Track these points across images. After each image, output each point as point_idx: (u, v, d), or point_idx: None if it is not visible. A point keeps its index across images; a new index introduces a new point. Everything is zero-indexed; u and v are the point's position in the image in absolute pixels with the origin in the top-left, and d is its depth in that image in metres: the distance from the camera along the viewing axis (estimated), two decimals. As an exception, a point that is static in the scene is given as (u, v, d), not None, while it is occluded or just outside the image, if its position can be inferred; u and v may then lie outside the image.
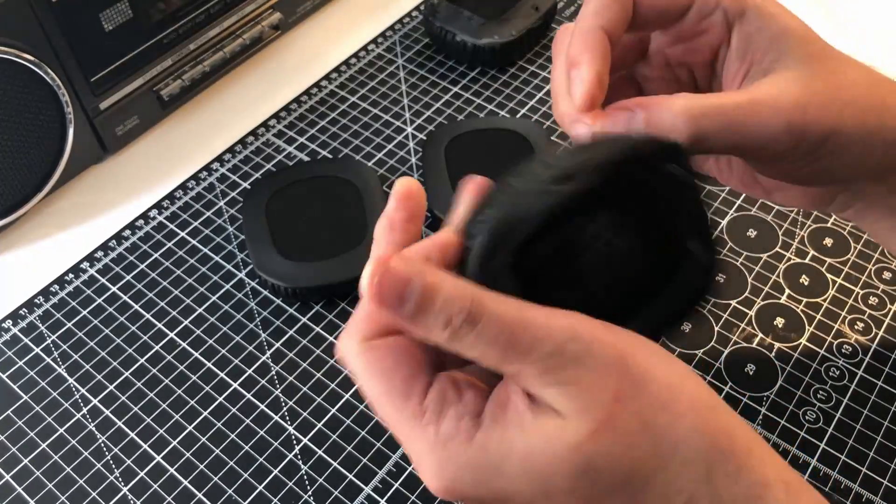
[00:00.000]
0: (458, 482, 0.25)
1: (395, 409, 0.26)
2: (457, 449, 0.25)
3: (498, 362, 0.25)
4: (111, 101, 0.53)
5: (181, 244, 0.50)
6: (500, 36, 0.59)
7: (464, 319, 0.24)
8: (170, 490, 0.40)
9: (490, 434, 0.25)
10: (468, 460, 0.25)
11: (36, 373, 0.44)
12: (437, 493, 0.26)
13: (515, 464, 0.25)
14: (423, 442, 0.25)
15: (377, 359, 0.26)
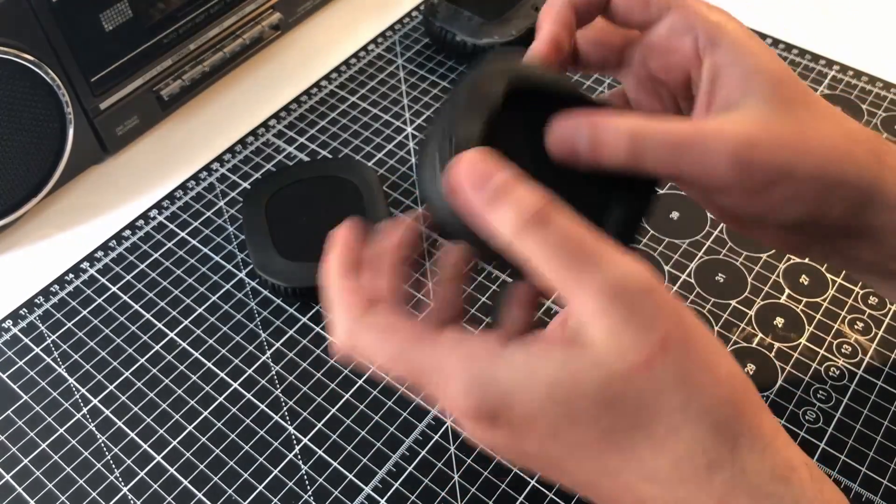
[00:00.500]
0: (482, 405, 0.25)
1: (421, 344, 0.27)
2: (487, 362, 0.26)
3: (557, 271, 0.25)
4: (111, 102, 0.53)
5: (181, 244, 0.50)
6: (500, 36, 0.59)
7: (534, 216, 0.25)
8: (170, 490, 0.40)
9: (517, 352, 0.26)
10: (497, 372, 0.25)
11: (36, 373, 0.44)
12: (465, 414, 0.26)
13: (544, 387, 0.25)
14: (453, 360, 0.26)
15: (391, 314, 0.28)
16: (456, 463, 0.40)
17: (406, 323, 0.28)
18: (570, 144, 0.29)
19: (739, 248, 0.49)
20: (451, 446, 0.41)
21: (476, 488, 0.40)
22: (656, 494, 0.26)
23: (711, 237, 0.50)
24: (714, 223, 0.51)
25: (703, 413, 0.25)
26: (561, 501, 0.39)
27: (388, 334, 0.28)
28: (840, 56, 0.61)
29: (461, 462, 0.40)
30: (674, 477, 0.26)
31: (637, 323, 0.25)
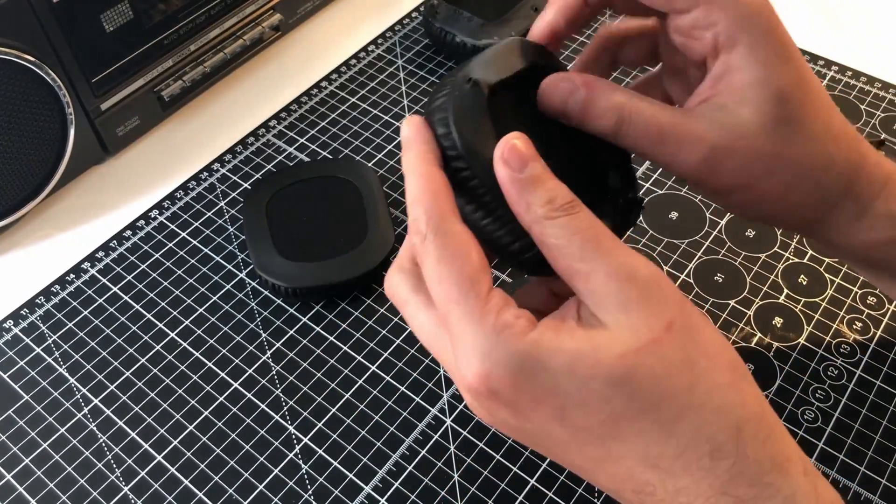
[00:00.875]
0: (500, 368, 0.26)
1: (461, 291, 0.27)
2: (510, 338, 0.26)
3: (576, 252, 0.27)
4: (112, 102, 0.53)
5: (182, 244, 0.50)
6: (500, 37, 0.59)
7: (564, 204, 0.27)
8: (170, 490, 0.40)
9: (543, 334, 0.26)
10: (518, 349, 0.26)
11: (37, 373, 0.44)
12: (473, 379, 0.27)
13: (561, 362, 0.26)
14: (480, 325, 0.26)
15: (458, 241, 0.28)
16: (456, 462, 0.41)
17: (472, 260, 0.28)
18: (562, 103, 0.31)
19: (738, 248, 0.49)
20: (451, 446, 0.41)
21: (476, 488, 0.40)
22: (657, 482, 0.26)
23: (710, 237, 0.50)
24: (713, 223, 0.51)
25: (707, 397, 0.26)
26: (561, 501, 0.39)
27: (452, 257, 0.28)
28: (839, 56, 0.61)
29: (461, 462, 0.41)
30: (677, 465, 0.26)
31: (646, 306, 0.26)
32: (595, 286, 0.26)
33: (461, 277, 0.27)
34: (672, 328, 0.26)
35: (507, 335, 0.26)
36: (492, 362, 0.26)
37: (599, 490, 0.39)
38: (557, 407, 0.26)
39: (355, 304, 0.47)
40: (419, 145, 0.30)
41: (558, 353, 0.26)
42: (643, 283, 0.26)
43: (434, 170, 0.29)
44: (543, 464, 0.40)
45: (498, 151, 0.28)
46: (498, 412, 0.28)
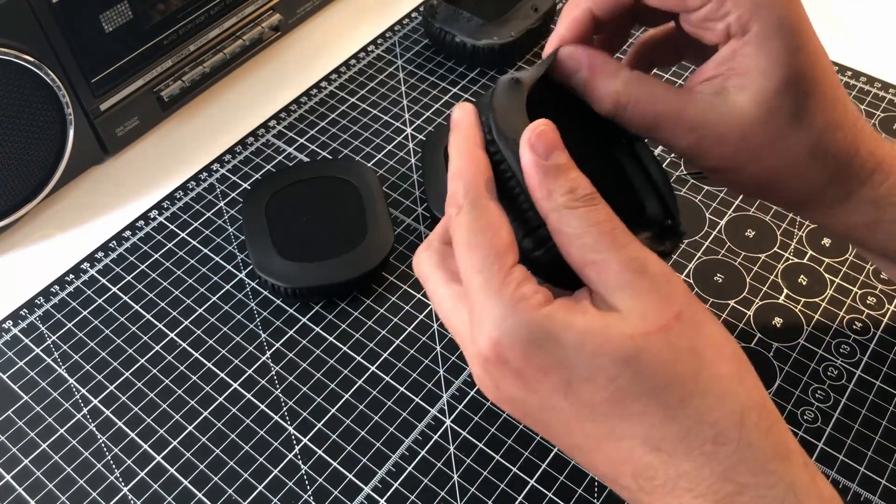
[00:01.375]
0: (512, 336, 0.27)
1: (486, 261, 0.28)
2: (525, 308, 0.27)
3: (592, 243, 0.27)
4: (111, 102, 0.53)
5: (181, 245, 0.50)
6: (500, 37, 0.59)
7: (586, 195, 0.28)
8: (170, 490, 0.40)
9: (557, 309, 0.27)
10: (531, 321, 0.27)
11: (36, 373, 0.44)
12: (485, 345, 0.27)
13: (572, 337, 0.26)
14: (498, 295, 0.27)
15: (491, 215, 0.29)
16: (455, 463, 0.41)
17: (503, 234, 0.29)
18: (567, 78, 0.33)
19: (738, 249, 0.49)
20: (450, 446, 0.41)
21: (475, 488, 0.40)
22: (658, 465, 0.26)
23: (710, 237, 0.50)
24: (713, 224, 0.51)
25: (712, 384, 0.26)
26: (561, 501, 0.39)
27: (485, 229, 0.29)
28: (839, 56, 0.61)
29: (461, 462, 0.41)
30: (680, 448, 0.26)
31: (656, 297, 0.27)
32: (607, 276, 0.27)
33: (489, 249, 0.28)
34: (680, 318, 0.27)
35: (523, 306, 0.27)
36: (505, 330, 0.27)
37: (599, 490, 0.39)
38: (564, 380, 0.26)
39: (355, 304, 0.47)
40: (466, 128, 0.31)
41: (570, 327, 0.26)
42: (654, 276, 0.27)
43: (477, 150, 0.30)
44: (543, 464, 0.40)
45: (525, 136, 0.29)
46: (504, 383, 0.28)
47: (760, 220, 0.51)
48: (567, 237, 0.28)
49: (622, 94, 0.32)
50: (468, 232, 0.29)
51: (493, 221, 0.29)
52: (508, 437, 0.41)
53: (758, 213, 0.51)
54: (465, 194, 0.29)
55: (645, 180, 0.34)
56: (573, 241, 0.28)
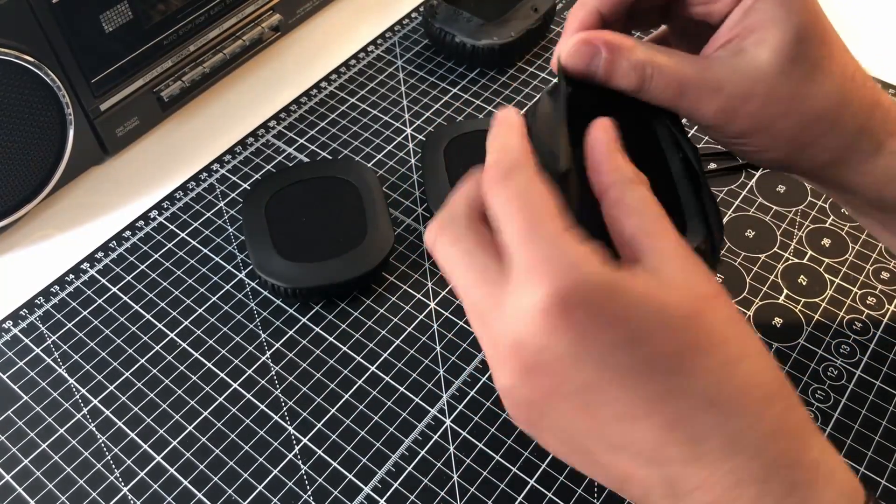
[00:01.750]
0: (579, 290, 0.25)
1: (543, 219, 0.26)
2: (593, 263, 0.25)
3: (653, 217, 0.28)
4: (111, 103, 0.53)
5: (181, 245, 0.50)
6: (499, 37, 0.59)
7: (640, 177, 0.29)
8: (170, 490, 0.40)
9: (617, 267, 0.26)
10: (600, 274, 0.25)
11: (36, 373, 0.44)
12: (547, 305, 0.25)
13: (638, 292, 0.25)
14: (564, 250, 0.25)
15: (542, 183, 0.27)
16: (455, 463, 0.41)
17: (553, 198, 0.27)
18: (586, 66, 0.32)
19: (738, 249, 0.49)
20: (450, 446, 0.41)
21: (475, 488, 0.40)
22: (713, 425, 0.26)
23: (710, 238, 0.50)
24: (713, 224, 0.51)
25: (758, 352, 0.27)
26: (561, 501, 0.39)
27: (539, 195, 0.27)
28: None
29: (461, 462, 0.41)
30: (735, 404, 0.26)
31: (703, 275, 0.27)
32: (664, 247, 0.27)
33: (545, 208, 0.27)
34: (718, 296, 0.27)
35: (589, 261, 0.25)
36: (572, 283, 0.25)
37: (599, 490, 0.39)
38: (629, 334, 0.25)
39: (355, 304, 0.47)
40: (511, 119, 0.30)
41: (634, 284, 0.26)
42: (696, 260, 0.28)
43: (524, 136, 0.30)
44: (543, 464, 0.40)
45: (598, 122, 0.30)
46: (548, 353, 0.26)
47: (760, 220, 0.51)
48: (627, 208, 0.28)
49: (647, 64, 0.32)
50: (523, 191, 0.27)
51: (545, 188, 0.27)
52: (508, 437, 0.41)
53: (757, 214, 0.51)
54: (517, 160, 0.28)
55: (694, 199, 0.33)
56: (633, 213, 0.28)
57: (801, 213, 0.51)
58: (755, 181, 0.53)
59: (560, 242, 0.26)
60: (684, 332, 0.26)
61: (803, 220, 0.51)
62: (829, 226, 0.50)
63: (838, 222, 0.51)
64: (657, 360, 0.25)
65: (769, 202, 0.52)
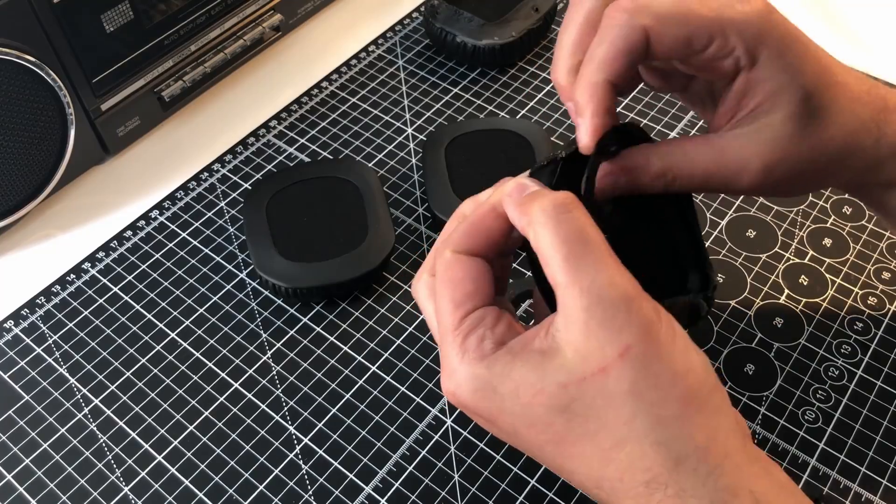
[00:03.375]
0: (460, 389, 0.29)
1: (445, 315, 0.30)
2: (469, 362, 0.29)
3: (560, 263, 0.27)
4: (112, 102, 0.53)
5: (182, 245, 0.50)
6: (500, 37, 0.59)
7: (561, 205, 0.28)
8: (171, 490, 0.40)
9: (499, 360, 0.28)
10: (473, 374, 0.29)
11: (37, 373, 0.44)
12: (446, 394, 0.30)
13: (509, 387, 0.28)
14: (450, 348, 0.30)
15: (454, 269, 0.31)
16: (456, 463, 0.41)
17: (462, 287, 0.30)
18: (612, 187, 0.33)
19: (739, 249, 0.49)
20: (451, 446, 0.41)
21: (476, 488, 0.40)
22: (605, 500, 0.28)
23: (710, 238, 0.50)
24: (713, 224, 0.51)
25: (649, 429, 0.26)
26: (561, 501, 0.39)
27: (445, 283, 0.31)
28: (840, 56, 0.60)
29: (461, 462, 0.41)
30: (618, 488, 0.27)
31: (605, 330, 0.27)
32: (565, 303, 0.27)
33: (446, 300, 0.30)
34: (626, 355, 0.26)
35: (467, 358, 0.29)
36: (455, 381, 0.29)
37: (600, 490, 0.40)
38: (510, 424, 0.29)
39: (355, 304, 0.47)
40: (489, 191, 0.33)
41: (507, 378, 0.28)
42: (611, 304, 0.27)
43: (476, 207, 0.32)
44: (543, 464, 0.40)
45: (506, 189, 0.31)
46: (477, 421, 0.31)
47: (761, 220, 0.51)
48: (541, 257, 0.28)
49: (666, 172, 0.33)
50: (437, 281, 0.31)
51: (454, 274, 0.30)
52: (509, 437, 0.41)
53: (758, 214, 0.51)
54: (440, 246, 0.32)
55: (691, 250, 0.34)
56: (546, 262, 0.28)
57: (803, 213, 0.51)
58: (756, 181, 0.53)
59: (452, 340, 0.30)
60: (555, 425, 0.27)
61: (804, 220, 0.51)
62: (831, 226, 0.50)
63: (839, 222, 0.50)
64: (542, 446, 0.28)
65: (770, 202, 0.52)
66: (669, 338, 0.27)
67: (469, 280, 0.30)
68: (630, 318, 0.27)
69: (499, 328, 0.29)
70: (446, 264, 0.31)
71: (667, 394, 0.26)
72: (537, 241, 0.28)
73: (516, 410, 0.28)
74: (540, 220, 0.28)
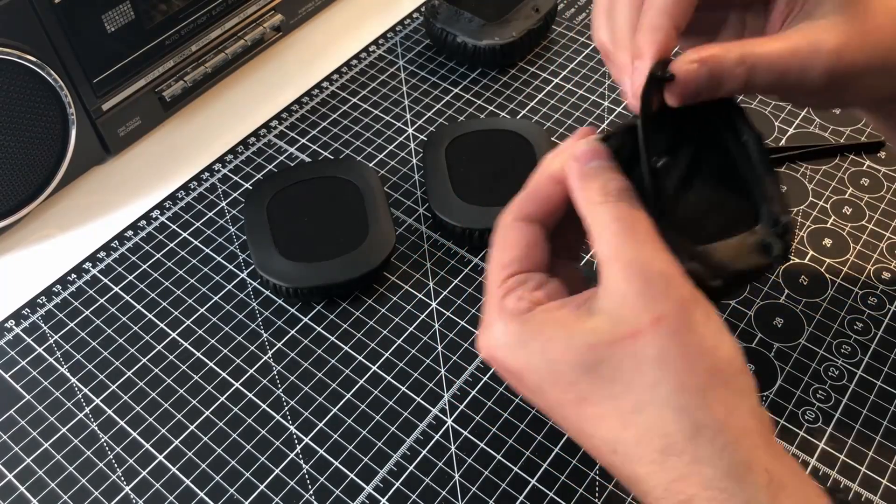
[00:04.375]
0: (492, 342, 0.30)
1: (490, 275, 0.32)
2: (504, 319, 0.30)
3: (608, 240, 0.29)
4: (113, 103, 0.53)
5: (183, 245, 0.50)
6: (501, 37, 0.59)
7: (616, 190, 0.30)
8: (172, 489, 0.40)
9: (534, 317, 0.29)
10: (506, 329, 0.30)
11: (38, 372, 0.44)
12: (479, 349, 0.31)
13: (538, 344, 0.29)
14: (489, 306, 0.31)
15: (508, 234, 0.32)
16: (457, 462, 0.41)
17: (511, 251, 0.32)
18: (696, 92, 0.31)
19: (739, 249, 0.49)
20: (451, 446, 0.41)
21: (477, 487, 0.40)
22: (619, 465, 0.28)
23: (711, 238, 0.50)
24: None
25: (671, 395, 0.27)
26: (562, 501, 0.39)
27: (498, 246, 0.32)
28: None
29: (462, 461, 0.41)
30: (634, 453, 0.27)
31: (641, 299, 0.27)
32: (607, 276, 0.28)
33: (494, 262, 0.32)
34: (659, 323, 0.27)
35: (504, 314, 0.30)
36: (488, 335, 0.31)
37: (600, 490, 0.39)
38: (535, 382, 0.29)
39: (356, 304, 0.47)
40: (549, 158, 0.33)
41: (539, 335, 0.29)
42: (650, 276, 0.28)
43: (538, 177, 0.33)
44: (544, 464, 0.40)
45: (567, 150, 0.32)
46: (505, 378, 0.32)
47: (761, 220, 0.51)
48: (592, 235, 0.29)
49: (745, 58, 0.31)
50: (491, 245, 0.33)
51: (507, 239, 0.32)
52: (510, 436, 0.41)
53: (759, 214, 0.51)
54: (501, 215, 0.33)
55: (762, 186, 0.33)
56: (596, 239, 0.29)
57: (803, 214, 0.51)
58: (756, 181, 0.53)
59: (492, 297, 0.31)
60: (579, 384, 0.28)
61: (804, 221, 0.51)
62: (831, 226, 0.50)
63: (839, 222, 0.51)
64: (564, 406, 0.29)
65: None
66: (704, 317, 0.28)
67: (518, 246, 0.32)
68: (668, 292, 0.27)
69: (539, 292, 0.31)
70: (501, 230, 0.32)
71: (693, 365, 0.27)
72: (591, 218, 0.29)
73: (543, 367, 0.29)
74: (597, 199, 0.29)
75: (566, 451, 0.41)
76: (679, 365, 0.27)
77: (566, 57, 0.62)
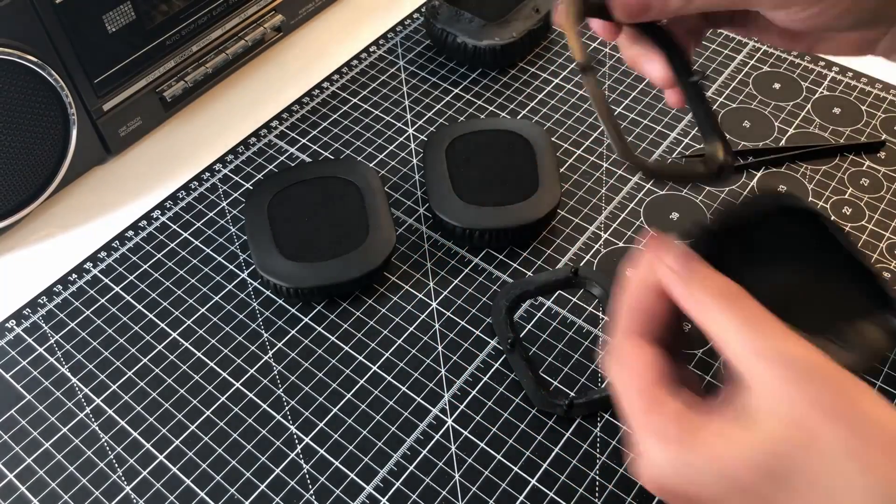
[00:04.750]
0: (659, 473, 0.28)
1: (630, 404, 0.29)
2: (661, 444, 0.28)
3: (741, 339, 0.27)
4: (114, 103, 0.53)
5: (184, 245, 0.50)
6: (501, 38, 0.59)
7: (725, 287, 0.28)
8: (172, 489, 0.40)
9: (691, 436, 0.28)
10: (668, 456, 0.28)
11: (39, 372, 0.44)
12: (644, 482, 0.29)
13: (704, 463, 0.27)
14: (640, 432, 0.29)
15: (633, 355, 0.30)
16: (457, 462, 0.41)
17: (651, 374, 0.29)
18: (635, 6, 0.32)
19: (739, 249, 0.49)
20: (452, 446, 0.41)
21: (477, 487, 0.40)
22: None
23: (711, 238, 0.50)
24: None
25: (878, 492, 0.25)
26: (562, 501, 0.39)
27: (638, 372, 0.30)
28: (840, 58, 0.61)
29: (462, 461, 0.41)
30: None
31: (803, 392, 0.26)
32: (754, 372, 0.27)
33: (627, 390, 0.30)
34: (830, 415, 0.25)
35: (659, 438, 0.28)
36: (649, 463, 0.28)
37: (600, 490, 0.39)
38: (711, 498, 0.27)
39: (356, 304, 0.47)
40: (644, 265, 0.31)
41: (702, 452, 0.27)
42: (801, 368, 0.26)
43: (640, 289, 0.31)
44: (545, 464, 0.40)
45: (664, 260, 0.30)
46: None
47: (761, 220, 0.51)
48: (715, 339, 0.28)
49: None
50: (613, 370, 0.30)
51: (632, 359, 0.30)
52: (509, 436, 0.41)
53: (759, 214, 0.51)
54: (612, 333, 0.31)
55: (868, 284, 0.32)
56: (722, 344, 0.28)
57: (803, 214, 0.51)
58: (755, 181, 0.53)
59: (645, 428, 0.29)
60: (752, 490, 0.26)
61: None
62: (831, 226, 0.50)
63: (839, 222, 0.51)
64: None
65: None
66: (864, 394, 0.26)
67: (651, 367, 0.30)
68: (826, 381, 0.26)
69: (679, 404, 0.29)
70: (618, 351, 0.31)
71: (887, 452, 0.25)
72: (711, 326, 0.28)
73: (720, 484, 0.27)
74: (712, 305, 0.28)
75: (566, 451, 0.41)
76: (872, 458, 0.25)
77: (566, 57, 0.62)
